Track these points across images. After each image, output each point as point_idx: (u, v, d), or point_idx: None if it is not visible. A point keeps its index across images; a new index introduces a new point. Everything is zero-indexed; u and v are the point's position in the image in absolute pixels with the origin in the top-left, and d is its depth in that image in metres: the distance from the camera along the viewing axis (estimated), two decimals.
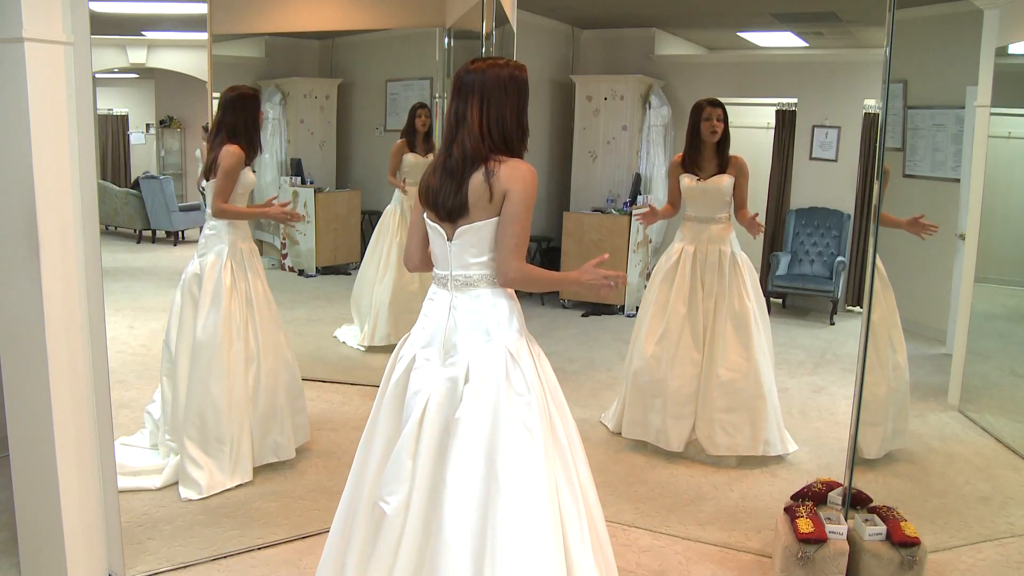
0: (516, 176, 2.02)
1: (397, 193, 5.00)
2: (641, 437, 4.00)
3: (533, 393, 2.04)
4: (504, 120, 2.05)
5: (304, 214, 5.53)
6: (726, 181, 3.88)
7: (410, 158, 4.95)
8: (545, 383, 2.12)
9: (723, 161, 3.91)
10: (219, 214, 3.41)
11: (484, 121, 2.04)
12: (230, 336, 3.41)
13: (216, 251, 3.44)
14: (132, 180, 7.54)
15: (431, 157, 4.80)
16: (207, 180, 3.45)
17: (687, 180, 3.94)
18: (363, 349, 5.08)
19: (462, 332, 2.10)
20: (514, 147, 2.08)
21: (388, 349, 4.89)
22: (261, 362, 3.50)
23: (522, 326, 2.15)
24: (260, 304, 3.51)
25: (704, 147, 3.91)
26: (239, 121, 3.42)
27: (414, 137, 4.98)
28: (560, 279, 2.36)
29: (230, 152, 3.36)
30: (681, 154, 3.99)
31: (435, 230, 2.14)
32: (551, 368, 2.19)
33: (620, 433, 4.15)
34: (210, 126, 3.58)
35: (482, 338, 2.09)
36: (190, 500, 3.27)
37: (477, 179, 2.03)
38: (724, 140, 3.90)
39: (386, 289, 4.92)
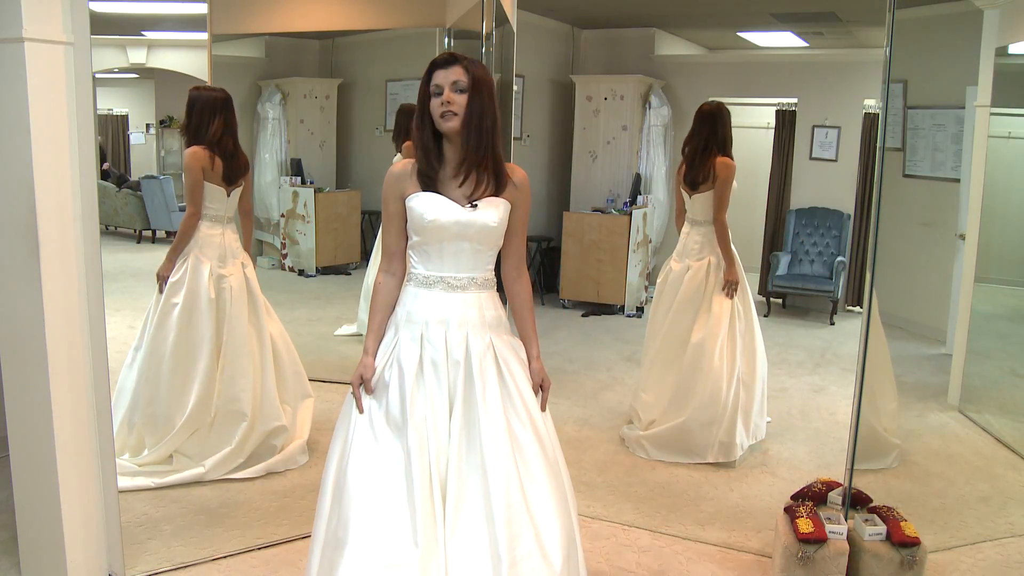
0: None
1: None
2: (687, 461, 3.84)
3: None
4: None
5: (304, 214, 5.54)
6: None
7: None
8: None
9: None
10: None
11: None
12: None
13: (199, 250, 3.52)
14: (130, 178, 7.53)
15: (398, 156, 4.89)
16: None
17: (735, 185, 3.81)
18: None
19: None
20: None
21: None
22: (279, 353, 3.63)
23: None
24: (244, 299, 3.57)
25: None
26: (200, 124, 3.45)
27: None
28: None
29: (186, 153, 3.42)
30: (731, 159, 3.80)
31: None
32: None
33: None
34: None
35: None
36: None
37: None
38: None
39: None
